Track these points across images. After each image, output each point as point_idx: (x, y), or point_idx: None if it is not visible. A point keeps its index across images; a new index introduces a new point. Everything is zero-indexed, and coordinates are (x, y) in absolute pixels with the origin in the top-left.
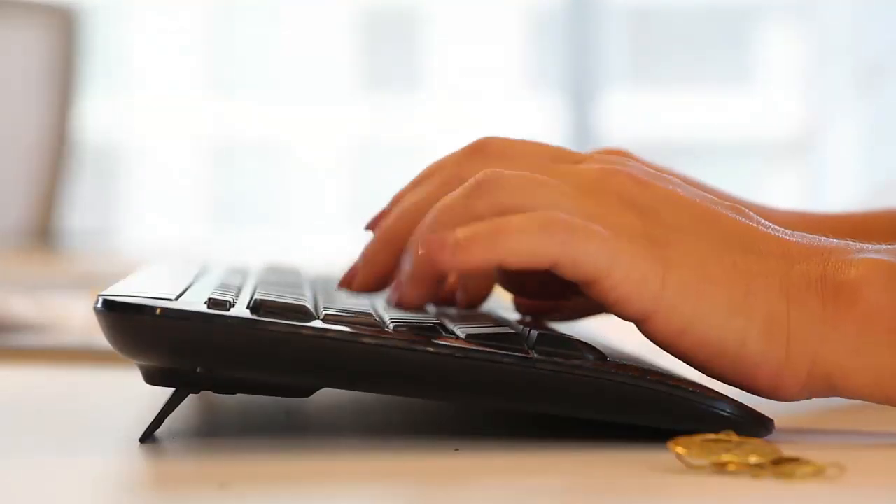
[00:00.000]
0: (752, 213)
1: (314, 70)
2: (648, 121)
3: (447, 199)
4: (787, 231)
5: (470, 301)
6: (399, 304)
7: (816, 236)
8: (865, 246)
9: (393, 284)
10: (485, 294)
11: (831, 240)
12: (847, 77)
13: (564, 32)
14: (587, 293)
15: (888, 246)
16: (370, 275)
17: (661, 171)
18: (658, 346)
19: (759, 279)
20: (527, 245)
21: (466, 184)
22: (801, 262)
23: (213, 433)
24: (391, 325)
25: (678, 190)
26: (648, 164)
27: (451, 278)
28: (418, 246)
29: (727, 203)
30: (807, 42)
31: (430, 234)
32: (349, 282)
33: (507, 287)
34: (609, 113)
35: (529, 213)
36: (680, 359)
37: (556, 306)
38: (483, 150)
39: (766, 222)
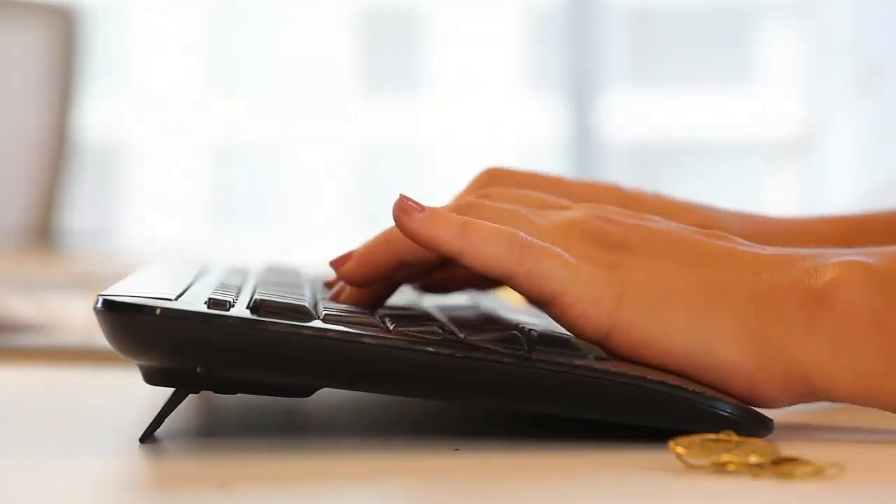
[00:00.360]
0: (734, 238)
1: (314, 70)
2: (648, 121)
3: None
4: (764, 247)
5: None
6: (346, 272)
7: (794, 248)
8: (844, 251)
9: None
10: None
11: (809, 249)
12: (847, 77)
13: (564, 32)
14: (546, 313)
15: (869, 249)
16: (362, 267)
17: (643, 215)
18: (631, 360)
19: (723, 291)
20: (488, 250)
21: (452, 205)
22: (770, 271)
23: (213, 433)
24: (391, 325)
25: (652, 224)
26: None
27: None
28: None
29: (709, 231)
30: (807, 42)
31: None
32: (340, 263)
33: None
34: (609, 113)
35: (498, 225)
36: (663, 371)
37: None
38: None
39: (748, 244)
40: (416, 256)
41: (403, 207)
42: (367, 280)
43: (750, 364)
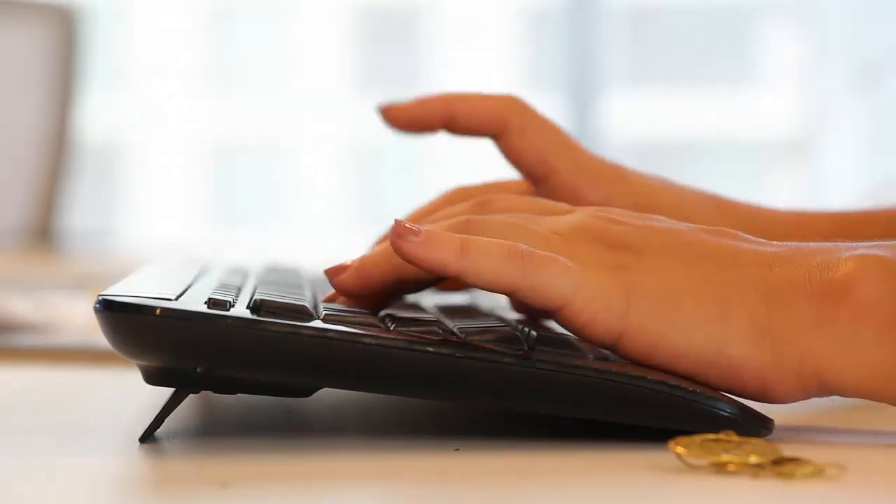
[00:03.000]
0: (740, 235)
1: (314, 70)
2: (648, 121)
3: (437, 226)
4: (771, 243)
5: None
6: (342, 283)
7: (802, 243)
8: (856, 244)
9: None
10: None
11: (818, 243)
12: (847, 77)
13: (564, 32)
14: (555, 320)
15: (881, 242)
16: (356, 281)
17: (647, 215)
18: (637, 363)
19: (733, 287)
20: (489, 267)
21: (452, 222)
22: (780, 265)
23: (213, 433)
24: (391, 325)
25: (655, 223)
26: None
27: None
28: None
29: (714, 229)
30: (807, 42)
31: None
32: (335, 273)
33: None
34: (609, 113)
35: (497, 240)
36: (665, 372)
37: None
38: (481, 207)
39: (755, 239)
40: (416, 274)
41: (399, 233)
42: (363, 293)
43: (762, 362)
